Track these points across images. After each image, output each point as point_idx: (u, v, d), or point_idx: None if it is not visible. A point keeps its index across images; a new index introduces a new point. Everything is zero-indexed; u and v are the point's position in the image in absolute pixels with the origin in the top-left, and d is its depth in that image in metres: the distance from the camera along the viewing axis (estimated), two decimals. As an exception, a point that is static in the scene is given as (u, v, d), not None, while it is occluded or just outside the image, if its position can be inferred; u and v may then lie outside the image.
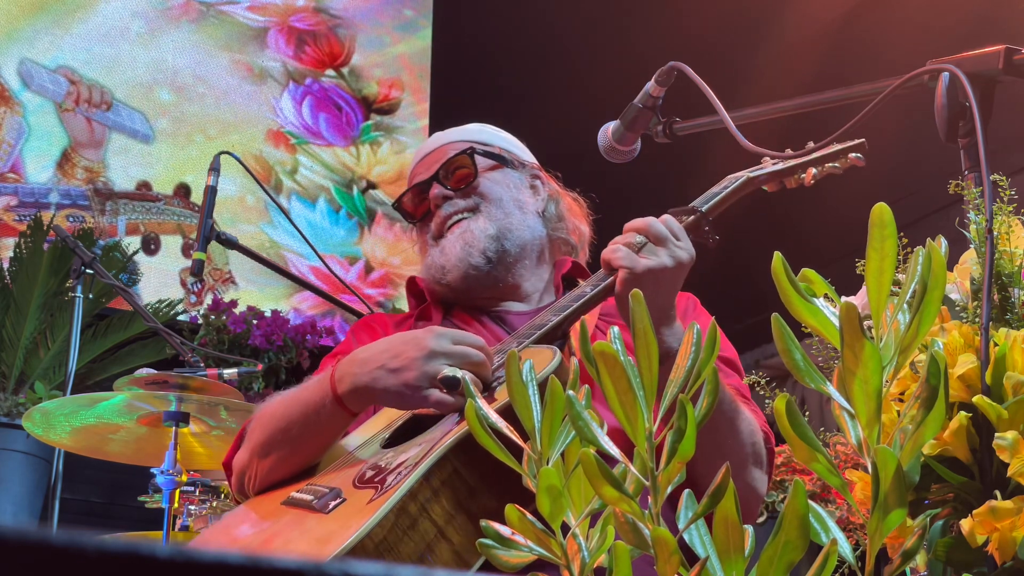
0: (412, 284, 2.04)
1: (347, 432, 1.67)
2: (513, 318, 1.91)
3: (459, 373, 1.49)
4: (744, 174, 1.82)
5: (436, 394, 1.50)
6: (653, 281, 1.58)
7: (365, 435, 1.66)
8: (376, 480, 1.43)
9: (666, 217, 1.66)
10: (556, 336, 1.63)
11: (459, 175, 1.96)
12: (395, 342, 1.57)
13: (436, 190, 1.96)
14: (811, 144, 1.83)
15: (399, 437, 1.58)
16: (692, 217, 1.71)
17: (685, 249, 1.63)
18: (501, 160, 2.01)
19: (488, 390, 1.51)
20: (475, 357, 1.52)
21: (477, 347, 1.54)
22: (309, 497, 1.47)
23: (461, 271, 1.89)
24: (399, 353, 1.53)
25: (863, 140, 1.78)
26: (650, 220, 1.64)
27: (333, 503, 1.42)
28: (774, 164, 1.81)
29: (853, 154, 1.76)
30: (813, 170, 1.79)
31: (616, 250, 1.61)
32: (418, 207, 2.01)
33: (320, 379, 1.62)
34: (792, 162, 1.79)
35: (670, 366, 1.11)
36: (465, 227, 1.91)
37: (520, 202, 1.96)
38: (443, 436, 1.44)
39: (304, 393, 1.64)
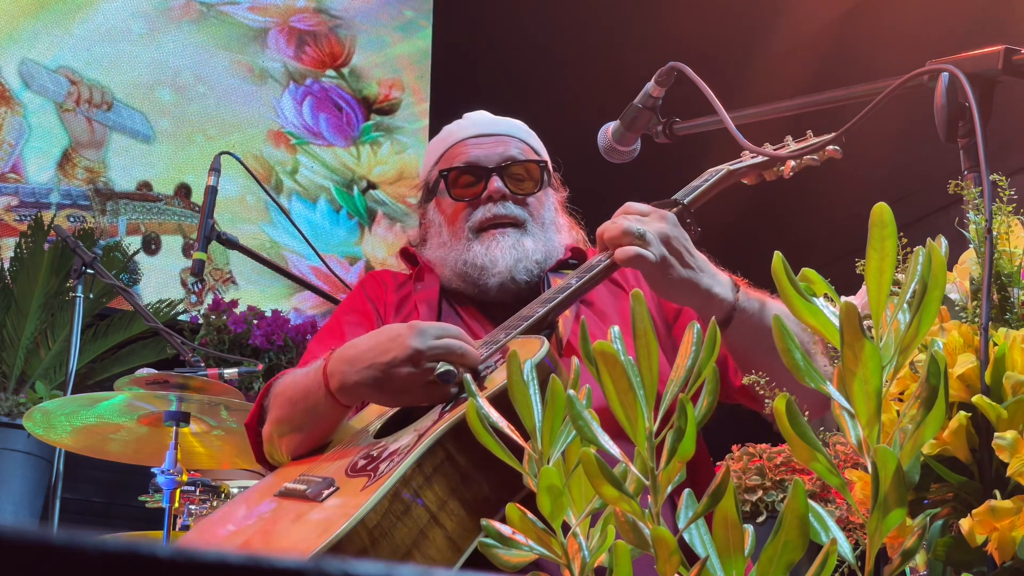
0: (408, 255, 2.03)
1: (356, 411, 1.72)
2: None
3: (451, 365, 1.52)
4: (724, 167, 1.85)
5: (429, 392, 1.54)
6: (672, 266, 1.65)
7: (366, 419, 1.69)
8: (369, 468, 1.45)
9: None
10: (543, 326, 1.66)
11: (522, 181, 1.95)
12: (381, 340, 1.58)
13: (498, 184, 1.92)
14: (788, 138, 1.85)
15: (390, 426, 1.61)
16: (674, 210, 1.75)
17: (663, 218, 1.68)
18: (550, 178, 2.01)
19: (477, 379, 1.53)
20: (458, 349, 1.54)
21: (459, 338, 1.56)
22: (303, 487, 1.50)
23: (500, 280, 1.88)
24: (386, 350, 1.55)
25: (840, 134, 1.80)
26: (629, 204, 1.71)
27: (327, 492, 1.44)
28: (753, 157, 1.84)
29: (830, 146, 1.79)
30: (791, 163, 1.82)
31: (635, 258, 1.64)
32: (465, 187, 1.95)
33: (316, 369, 1.66)
34: (772, 155, 1.82)
35: (741, 321, 1.14)
36: (516, 239, 1.90)
37: (558, 225, 1.98)
38: (434, 424, 1.46)
39: (305, 380, 1.68)
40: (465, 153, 1.96)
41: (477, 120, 2.04)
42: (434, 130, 4.27)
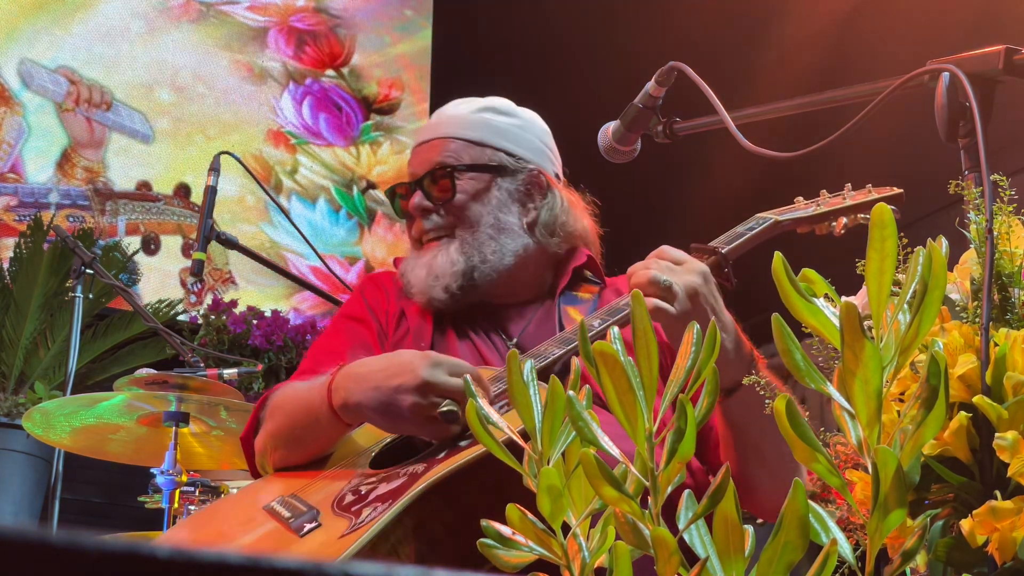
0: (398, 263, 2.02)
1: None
2: (508, 323, 1.87)
3: (456, 407, 1.47)
4: (771, 217, 1.78)
5: (430, 426, 1.50)
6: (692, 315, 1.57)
7: (369, 437, 1.65)
8: (353, 510, 1.41)
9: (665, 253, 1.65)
10: (555, 369, 1.60)
11: (442, 185, 1.87)
12: (393, 363, 1.55)
13: (416, 200, 1.88)
14: (848, 187, 1.80)
15: (387, 457, 1.57)
16: (711, 258, 1.69)
17: (696, 271, 1.61)
18: (492, 170, 1.89)
19: None
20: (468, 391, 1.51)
21: (473, 379, 1.53)
22: (287, 513, 1.47)
23: (424, 298, 1.84)
24: (395, 375, 1.52)
25: (901, 191, 1.75)
26: (664, 249, 1.64)
27: (308, 526, 1.41)
28: (805, 208, 1.78)
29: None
30: (844, 219, 1.76)
31: (654, 311, 1.55)
32: (405, 202, 1.92)
33: (321, 384, 1.62)
34: (824, 208, 1.76)
35: (745, 398, 1.13)
36: (435, 253, 1.85)
37: (500, 224, 1.87)
38: (424, 472, 1.42)
39: (307, 394, 1.65)
40: (409, 165, 1.95)
41: (429, 123, 1.99)
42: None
